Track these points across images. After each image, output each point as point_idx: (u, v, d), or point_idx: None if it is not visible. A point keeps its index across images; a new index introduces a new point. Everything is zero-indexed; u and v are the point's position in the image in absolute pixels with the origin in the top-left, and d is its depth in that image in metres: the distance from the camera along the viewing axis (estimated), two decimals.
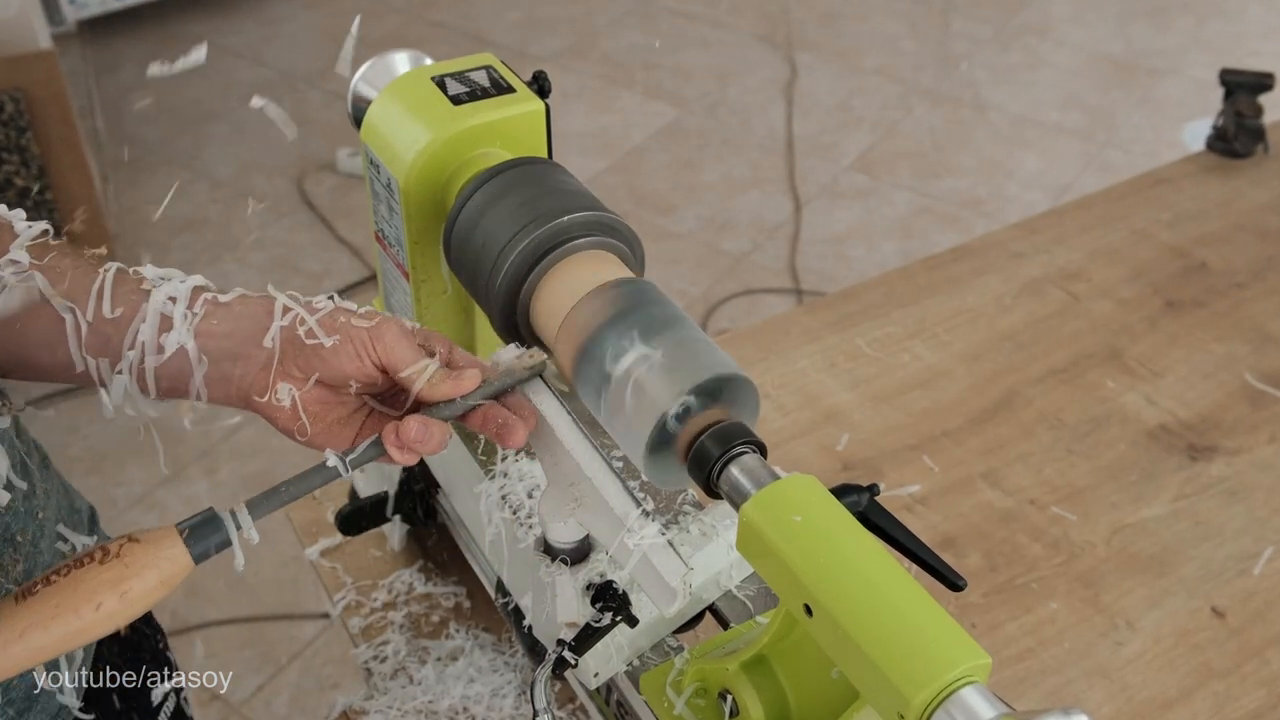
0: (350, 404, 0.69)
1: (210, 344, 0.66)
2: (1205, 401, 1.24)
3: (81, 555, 0.57)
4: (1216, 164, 1.60)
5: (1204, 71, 3.45)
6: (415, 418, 0.66)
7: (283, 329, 0.67)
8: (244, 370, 0.66)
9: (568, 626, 0.79)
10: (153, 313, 0.66)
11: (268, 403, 0.66)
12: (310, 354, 0.66)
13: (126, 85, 3.45)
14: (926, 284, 1.40)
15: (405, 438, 0.65)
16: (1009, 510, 1.12)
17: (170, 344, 0.66)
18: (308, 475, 0.65)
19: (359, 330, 0.67)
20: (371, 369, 0.67)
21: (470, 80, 0.87)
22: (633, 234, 0.80)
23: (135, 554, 0.57)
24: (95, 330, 0.66)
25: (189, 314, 0.67)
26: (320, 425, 0.68)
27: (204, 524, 0.60)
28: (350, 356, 0.66)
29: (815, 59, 3.60)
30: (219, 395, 0.67)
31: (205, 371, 0.66)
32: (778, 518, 0.62)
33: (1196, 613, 1.04)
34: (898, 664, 0.56)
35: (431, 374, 0.67)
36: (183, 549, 0.59)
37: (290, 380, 0.67)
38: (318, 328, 0.66)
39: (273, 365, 0.66)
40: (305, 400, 0.67)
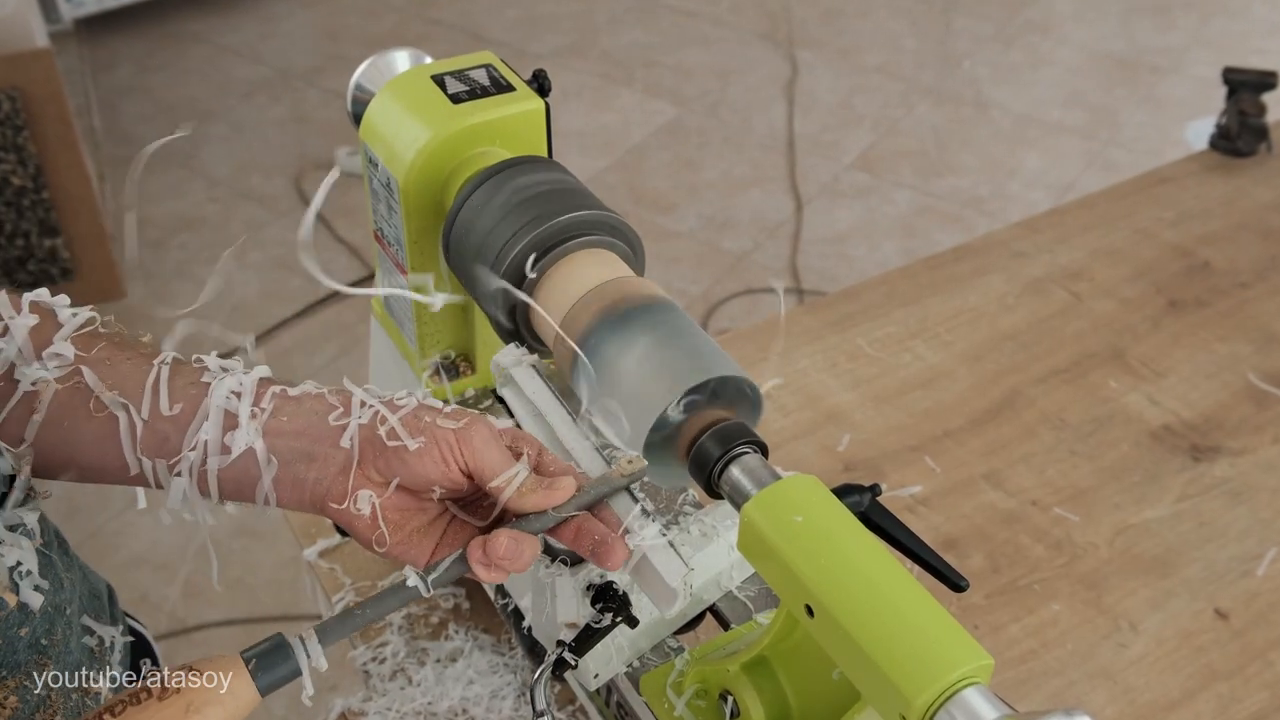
0: (431, 511, 0.64)
1: (280, 443, 0.61)
2: (1209, 402, 1.24)
3: (137, 690, 0.53)
4: (1220, 163, 1.60)
5: (1207, 70, 3.45)
6: (505, 533, 0.61)
7: (360, 428, 0.62)
8: (319, 474, 0.61)
9: (567, 627, 0.79)
10: (215, 409, 0.61)
11: (345, 509, 0.61)
12: (391, 456, 0.61)
13: (124, 84, 3.45)
14: (928, 283, 1.40)
15: (494, 555, 0.60)
16: (1011, 511, 1.12)
17: (237, 444, 0.61)
18: (384, 596, 0.60)
19: (445, 432, 0.61)
20: (458, 474, 0.62)
21: (470, 79, 0.87)
22: (633, 233, 0.81)
23: (197, 690, 0.53)
24: (151, 429, 0.61)
25: (256, 410, 0.62)
26: (399, 534, 0.63)
27: (272, 652, 0.56)
28: (436, 461, 0.61)
29: (816, 57, 3.60)
30: (289, 499, 0.62)
31: (275, 474, 0.61)
32: (779, 518, 0.62)
33: (1200, 614, 1.04)
34: (900, 665, 0.56)
35: (522, 482, 0.62)
36: (249, 682, 0.55)
37: (369, 484, 0.61)
38: (400, 428, 0.61)
39: (351, 468, 0.61)
40: (384, 508, 0.62)
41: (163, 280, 2.75)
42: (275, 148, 3.19)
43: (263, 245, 2.86)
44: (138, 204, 2.97)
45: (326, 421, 0.62)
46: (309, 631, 0.57)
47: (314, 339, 2.59)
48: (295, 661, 0.56)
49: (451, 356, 0.96)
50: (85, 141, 2.71)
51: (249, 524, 2.14)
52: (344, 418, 0.62)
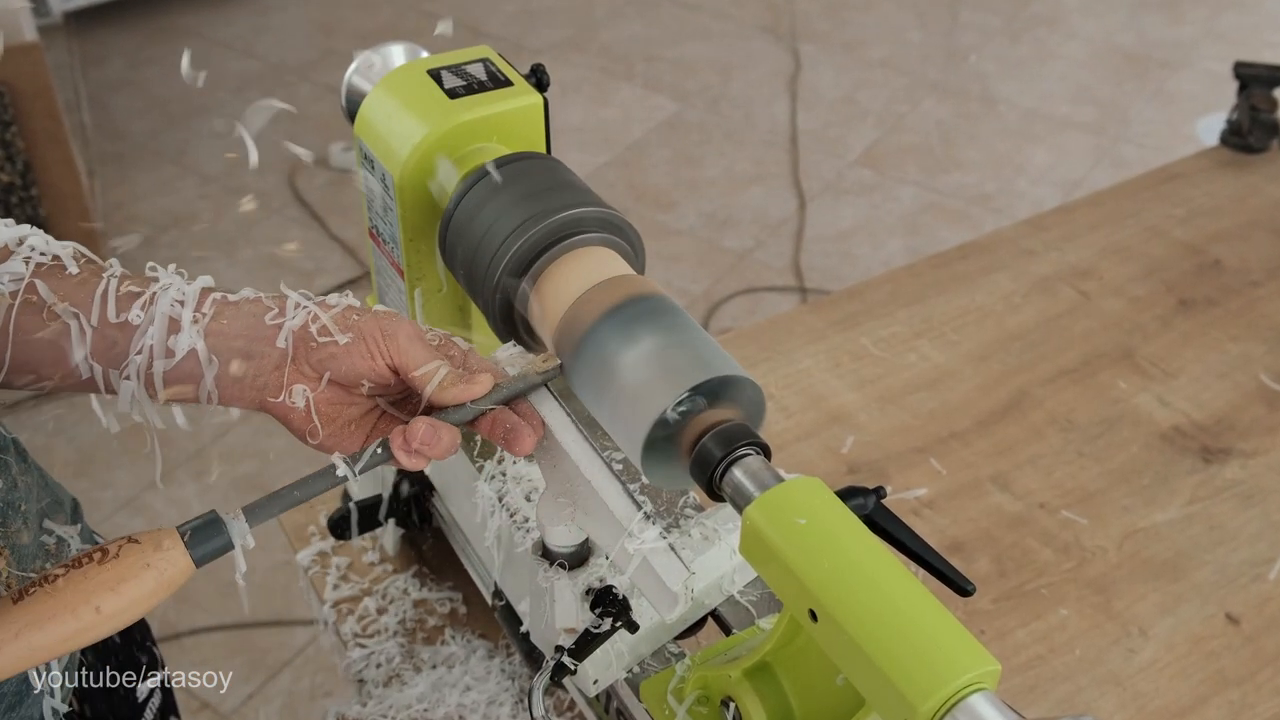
0: (362, 405, 0.69)
1: (221, 344, 0.66)
2: (1220, 402, 1.24)
3: (79, 556, 0.57)
4: (1231, 159, 1.60)
5: (1218, 64, 3.45)
6: (423, 420, 0.66)
7: (295, 328, 0.67)
8: (256, 370, 0.66)
9: (566, 632, 0.79)
10: (160, 315, 0.66)
11: (281, 403, 0.67)
12: (323, 352, 0.66)
13: (114, 78, 3.45)
14: (933, 282, 1.40)
15: (413, 441, 0.65)
16: (1018, 514, 1.13)
17: (180, 346, 0.66)
18: (312, 479, 0.64)
19: (372, 328, 0.67)
20: (384, 369, 0.67)
21: (467, 73, 0.87)
22: (633, 231, 0.81)
23: (134, 555, 0.57)
24: (100, 335, 0.66)
25: (198, 315, 0.66)
26: (331, 427, 0.68)
27: (205, 526, 0.60)
28: (363, 355, 0.66)
29: (820, 51, 3.60)
30: (230, 397, 0.67)
31: (216, 373, 0.66)
32: (782, 521, 0.62)
33: (1210, 619, 1.04)
34: (905, 671, 0.56)
35: (443, 377, 0.67)
36: (183, 551, 0.59)
37: (303, 380, 0.67)
38: (332, 324, 0.67)
39: (286, 364, 0.66)
40: (318, 401, 0.67)
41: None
42: (268, 143, 3.18)
43: (254, 243, 2.86)
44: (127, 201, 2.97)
45: (263, 322, 0.67)
46: (238, 509, 0.61)
47: None
48: (227, 536, 0.60)
49: None
50: (74, 137, 2.71)
51: None
52: (279, 318, 0.67)
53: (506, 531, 0.87)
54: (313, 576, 1.08)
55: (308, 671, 1.98)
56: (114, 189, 3.02)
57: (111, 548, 0.57)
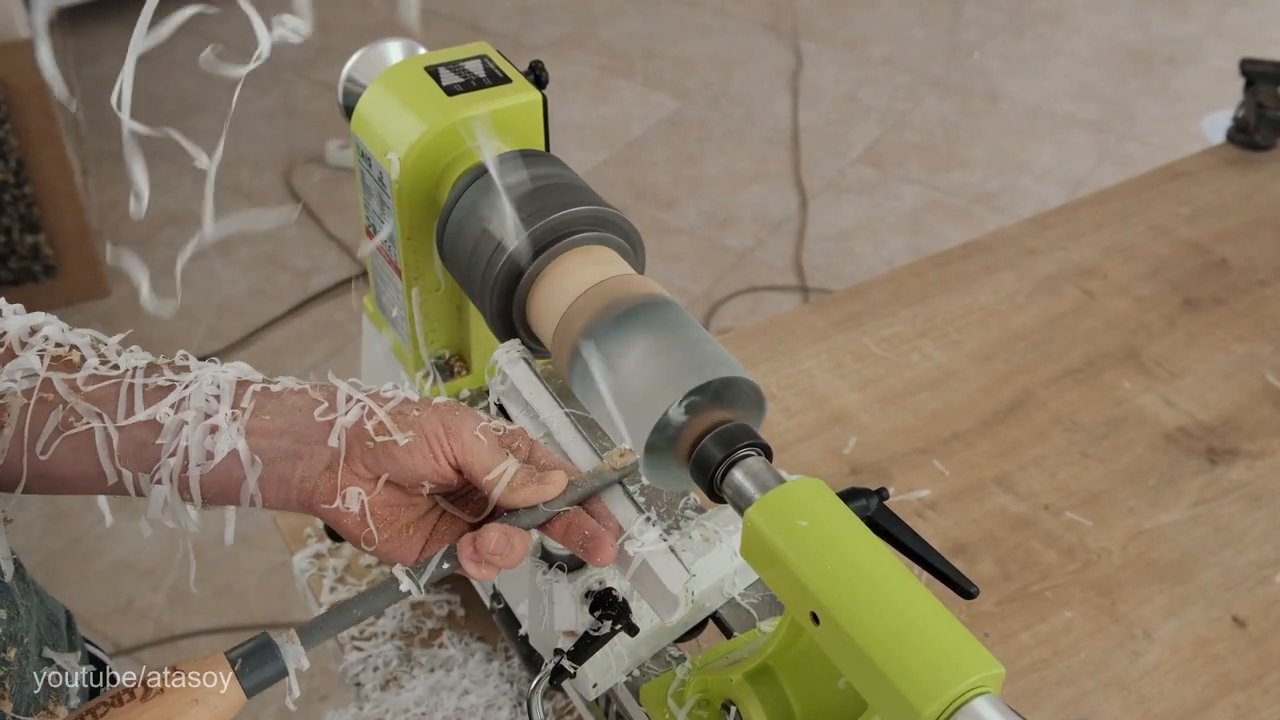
0: (420, 507, 0.64)
1: (263, 443, 0.61)
2: (1226, 403, 1.24)
3: (119, 691, 0.52)
4: (1237, 157, 1.60)
5: (1224, 61, 3.45)
6: (495, 528, 0.61)
7: (348, 425, 0.61)
8: (305, 472, 0.61)
9: (565, 635, 0.79)
10: (194, 412, 0.61)
11: (334, 509, 0.61)
12: (380, 452, 0.61)
13: (108, 76, 3.45)
14: (936, 281, 1.40)
15: (484, 551, 0.60)
16: (1022, 515, 1.13)
17: (219, 447, 0.60)
18: (373, 594, 0.60)
19: (434, 425, 0.61)
20: (448, 469, 0.62)
21: (465, 70, 0.87)
22: (633, 229, 0.81)
23: (180, 691, 0.53)
24: (127, 435, 0.61)
25: (236, 412, 0.61)
26: (388, 531, 0.63)
27: (257, 651, 0.56)
28: (425, 456, 0.61)
29: (821, 48, 3.60)
30: (275, 500, 0.62)
31: (259, 474, 0.61)
32: (783, 523, 0.62)
33: (1216, 622, 1.04)
34: (908, 674, 0.56)
35: (513, 477, 0.62)
36: (234, 682, 0.55)
37: (356, 481, 0.61)
38: (390, 422, 0.61)
39: (338, 465, 0.61)
40: (373, 504, 0.62)
41: (148, 278, 2.74)
42: (264, 141, 3.19)
43: (250, 241, 2.86)
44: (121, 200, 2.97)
45: (311, 418, 0.62)
46: (292, 632, 0.58)
47: (304, 338, 2.59)
48: (281, 661, 0.57)
49: (446, 356, 0.96)
50: (68, 135, 2.71)
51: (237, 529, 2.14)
52: (329, 413, 0.62)
53: None
54: (309, 579, 1.08)
55: (304, 675, 1.98)
56: (109, 188, 3.02)
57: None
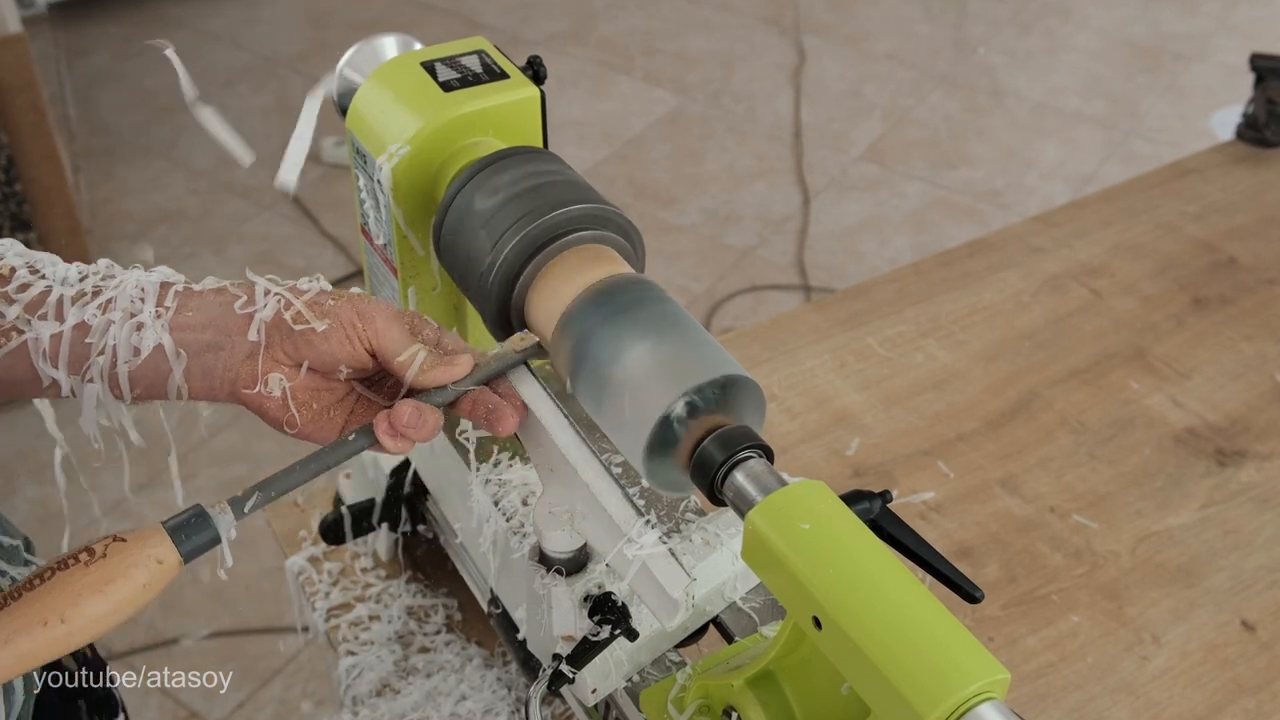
0: (339, 390, 0.69)
1: (187, 337, 0.65)
2: (1234, 403, 1.24)
3: (65, 557, 0.56)
4: (1246, 154, 1.60)
5: (1233, 56, 3.45)
6: (408, 402, 0.66)
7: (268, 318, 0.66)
8: (227, 361, 0.66)
9: (564, 640, 0.79)
10: (120, 311, 0.65)
11: (256, 394, 0.66)
12: (299, 339, 0.66)
13: (100, 71, 3.45)
14: (941, 280, 1.40)
15: (398, 424, 0.65)
16: (1028, 518, 1.13)
17: (145, 343, 0.65)
18: (296, 469, 0.65)
19: (348, 313, 0.67)
20: (363, 353, 0.67)
21: (462, 65, 0.87)
22: (632, 227, 0.81)
23: (121, 554, 0.57)
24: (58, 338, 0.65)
25: (160, 310, 0.66)
26: (308, 414, 0.68)
27: (191, 521, 0.60)
28: (341, 341, 0.66)
29: (824, 43, 3.61)
30: (201, 390, 0.67)
31: (184, 367, 0.65)
32: (785, 526, 0.62)
33: (1225, 626, 1.04)
34: (911, 679, 0.56)
35: (423, 360, 0.67)
36: (171, 547, 0.59)
37: (278, 368, 0.66)
38: (307, 311, 0.66)
39: (259, 354, 0.66)
40: (294, 389, 0.67)
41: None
42: (258, 138, 3.17)
43: (245, 240, 2.86)
44: (113, 197, 2.97)
45: (232, 311, 0.66)
46: (224, 502, 0.62)
47: None
48: (214, 529, 0.61)
49: None
50: (59, 131, 2.71)
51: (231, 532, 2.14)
52: (249, 306, 0.66)
53: (503, 536, 0.87)
54: (304, 582, 1.08)
55: (299, 680, 1.98)
56: (100, 185, 3.02)
57: (98, 547, 0.57)
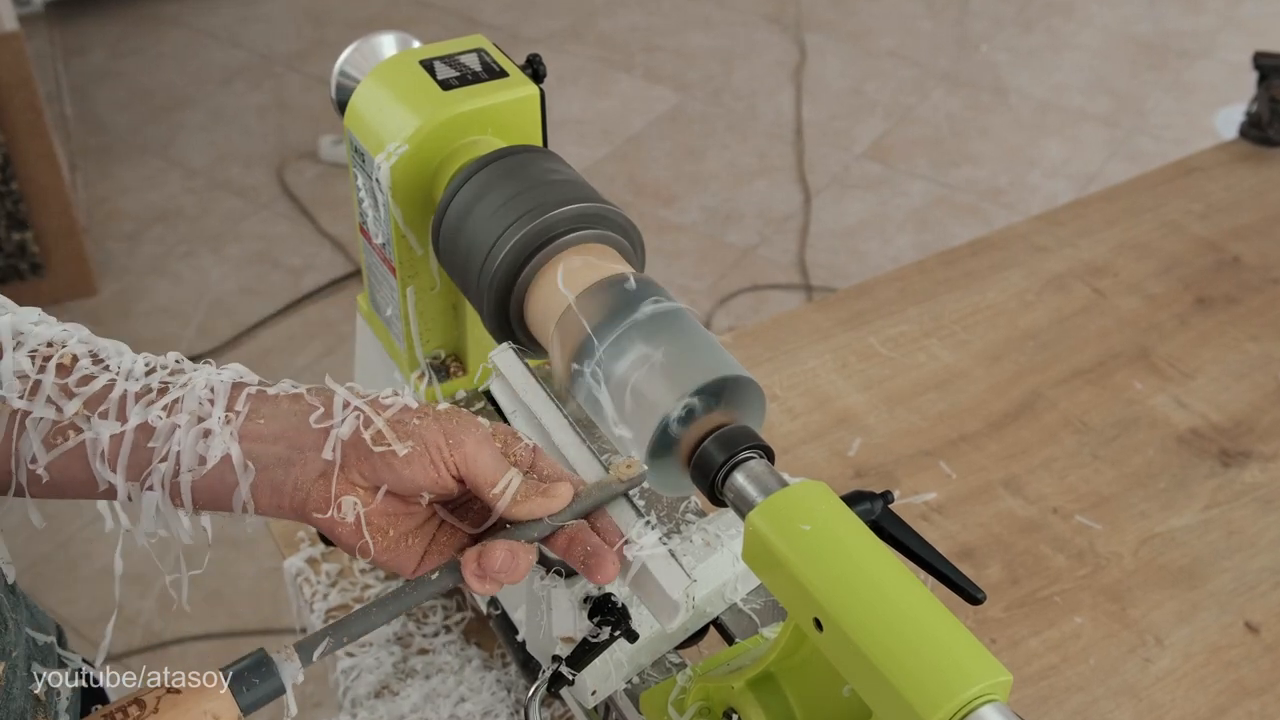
0: (419, 515, 0.64)
1: (257, 448, 0.60)
2: (1239, 404, 1.24)
3: (114, 710, 0.52)
4: (1251, 152, 1.60)
5: (1238, 54, 3.45)
6: (501, 544, 0.60)
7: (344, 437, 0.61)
8: (299, 480, 0.60)
9: (564, 642, 0.79)
10: (187, 415, 0.60)
11: (329, 518, 0.60)
12: (377, 461, 0.60)
13: (96, 69, 3.45)
14: (943, 279, 1.40)
15: (489, 567, 0.60)
16: (1031, 519, 1.13)
17: (212, 452, 0.60)
18: (372, 610, 0.60)
19: (435, 435, 0.60)
20: (448, 480, 0.61)
21: (460, 64, 0.87)
22: (632, 226, 0.81)
23: (175, 710, 0.53)
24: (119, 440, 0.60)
25: (230, 415, 0.60)
26: (384, 541, 0.62)
27: (254, 668, 0.56)
28: (425, 467, 0.60)
29: (826, 40, 3.61)
30: (268, 507, 0.61)
31: (252, 480, 0.60)
32: (786, 527, 0.62)
33: (1229, 628, 1.04)
34: (913, 681, 0.56)
35: (517, 490, 0.61)
36: (230, 701, 0.55)
37: (352, 490, 0.61)
38: (388, 431, 0.60)
39: (333, 474, 0.60)
40: (370, 514, 0.61)
41: (136, 276, 2.75)
42: (255, 136, 3.19)
43: (242, 239, 2.86)
44: (110, 196, 2.97)
45: (307, 424, 0.61)
46: (290, 649, 0.57)
47: (296, 338, 2.59)
48: (278, 679, 0.56)
49: (441, 356, 0.96)
50: (56, 130, 2.71)
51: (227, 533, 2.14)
52: (325, 419, 0.61)
53: None
54: (302, 583, 1.08)
55: None
56: (97, 183, 3.02)
57: (149, 699, 0.53)
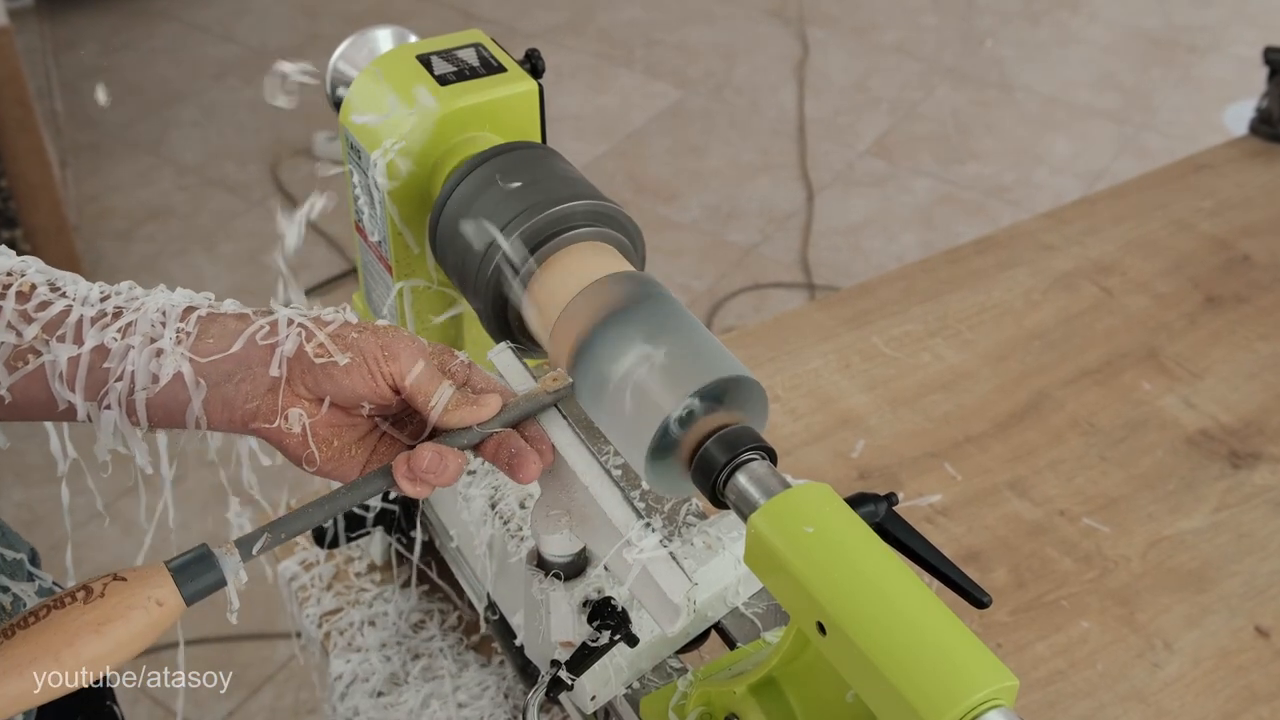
0: (361, 427, 0.68)
1: (207, 366, 0.64)
2: (1249, 404, 1.25)
3: (62, 595, 0.55)
4: (1261, 149, 1.60)
5: (1248, 49, 3.45)
6: (429, 446, 0.64)
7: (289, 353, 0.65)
8: (248, 393, 0.65)
9: (563, 646, 0.79)
10: (140, 336, 0.64)
11: (276, 429, 0.65)
12: (320, 373, 0.65)
13: (87, 64, 3.45)
14: (949, 278, 1.40)
15: (418, 468, 0.64)
16: (1037, 522, 1.13)
17: (164, 370, 0.64)
18: (309, 509, 0.63)
19: (372, 347, 0.65)
20: (386, 390, 0.66)
21: (458, 59, 0.87)
22: (632, 224, 0.81)
23: (121, 594, 0.56)
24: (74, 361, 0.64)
25: (182, 335, 0.65)
26: (329, 451, 0.67)
27: (196, 562, 0.59)
28: (364, 377, 0.65)
29: (829, 35, 3.61)
30: (220, 421, 0.65)
31: (204, 397, 0.64)
32: (788, 529, 0.63)
33: (1239, 632, 1.04)
34: (918, 686, 0.56)
35: (449, 399, 0.66)
36: (173, 589, 0.57)
37: (299, 403, 0.65)
38: (330, 344, 0.65)
39: (280, 387, 0.65)
40: (314, 425, 0.66)
41: (128, 275, 2.75)
42: (249, 132, 3.19)
43: (235, 237, 2.86)
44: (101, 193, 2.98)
45: (254, 341, 0.65)
46: (230, 544, 0.61)
47: None
48: (219, 571, 0.60)
49: None
50: (46, 126, 2.71)
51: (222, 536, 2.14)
52: (271, 337, 0.65)
53: (499, 540, 0.87)
54: (296, 587, 1.08)
55: (291, 687, 1.98)
56: (87, 180, 3.02)
57: (96, 586, 0.56)
